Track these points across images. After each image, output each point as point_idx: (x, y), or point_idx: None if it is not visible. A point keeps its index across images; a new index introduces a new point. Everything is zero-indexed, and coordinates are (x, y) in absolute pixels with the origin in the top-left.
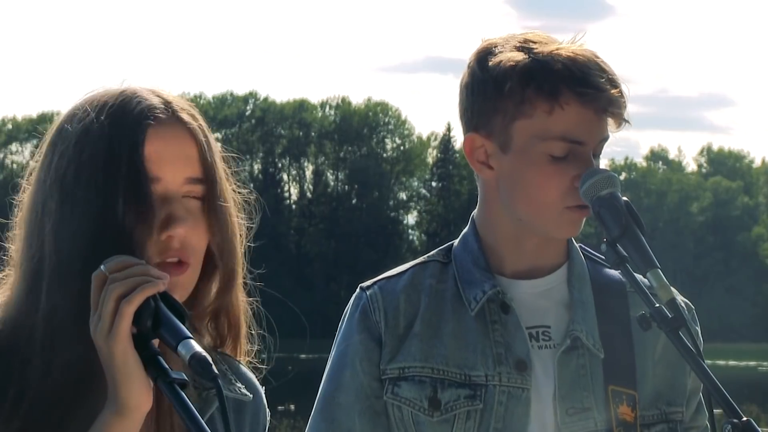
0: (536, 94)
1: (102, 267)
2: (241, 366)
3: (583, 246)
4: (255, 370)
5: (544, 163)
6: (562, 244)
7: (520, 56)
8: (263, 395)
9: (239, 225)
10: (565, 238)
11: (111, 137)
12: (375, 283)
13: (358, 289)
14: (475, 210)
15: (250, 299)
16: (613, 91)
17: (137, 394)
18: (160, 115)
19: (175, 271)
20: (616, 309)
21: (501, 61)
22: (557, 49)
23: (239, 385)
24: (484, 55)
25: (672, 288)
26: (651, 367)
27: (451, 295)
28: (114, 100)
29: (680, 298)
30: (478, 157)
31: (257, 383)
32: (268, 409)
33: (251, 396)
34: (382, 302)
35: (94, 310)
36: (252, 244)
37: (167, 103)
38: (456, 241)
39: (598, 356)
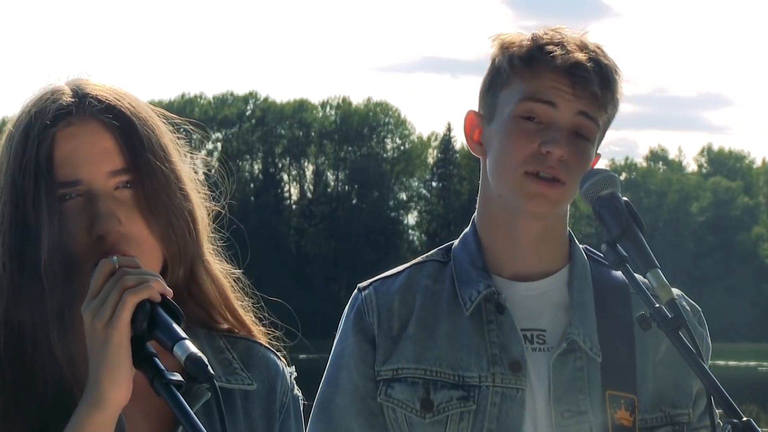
0: (514, 61)
1: (113, 258)
2: (261, 347)
3: (587, 247)
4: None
5: (513, 125)
6: (564, 245)
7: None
8: (286, 375)
9: (196, 201)
10: (533, 213)
11: (24, 147)
12: (371, 284)
13: (356, 290)
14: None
15: (232, 271)
16: (583, 57)
17: (118, 386)
18: (70, 115)
19: None
20: (618, 311)
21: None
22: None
23: (243, 375)
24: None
25: (674, 289)
26: (652, 368)
27: (447, 295)
28: (28, 105)
29: (687, 301)
30: (473, 136)
31: (278, 363)
32: (295, 389)
33: (255, 385)
34: (376, 303)
35: (93, 296)
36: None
37: (82, 98)
38: (456, 241)
39: (596, 360)
